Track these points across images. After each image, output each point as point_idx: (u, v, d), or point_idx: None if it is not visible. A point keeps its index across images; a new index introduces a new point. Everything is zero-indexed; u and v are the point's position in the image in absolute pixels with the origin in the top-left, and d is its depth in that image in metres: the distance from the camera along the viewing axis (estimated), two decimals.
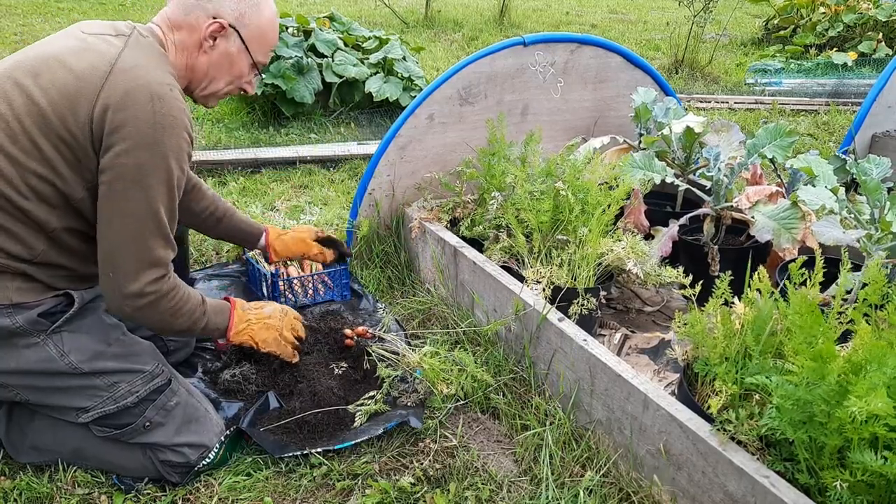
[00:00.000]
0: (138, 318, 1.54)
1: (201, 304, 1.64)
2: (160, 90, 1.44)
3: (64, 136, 1.42)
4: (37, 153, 1.43)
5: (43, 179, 1.44)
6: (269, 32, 1.66)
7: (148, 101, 1.42)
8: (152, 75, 1.45)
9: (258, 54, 1.66)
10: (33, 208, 1.45)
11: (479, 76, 2.63)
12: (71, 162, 1.45)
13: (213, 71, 1.63)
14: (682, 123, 2.47)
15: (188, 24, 1.57)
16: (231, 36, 1.60)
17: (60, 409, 1.60)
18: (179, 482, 1.64)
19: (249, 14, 1.60)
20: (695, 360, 1.61)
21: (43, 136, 1.42)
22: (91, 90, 1.42)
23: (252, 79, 1.70)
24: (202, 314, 1.64)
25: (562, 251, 2.10)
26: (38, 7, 7.43)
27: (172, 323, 1.58)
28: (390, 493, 1.62)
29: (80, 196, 1.48)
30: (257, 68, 1.69)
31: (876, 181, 1.89)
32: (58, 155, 1.43)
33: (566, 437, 1.76)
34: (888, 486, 1.22)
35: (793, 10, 7.59)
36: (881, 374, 1.23)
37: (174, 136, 1.45)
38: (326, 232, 2.30)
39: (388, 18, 8.19)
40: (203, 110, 4.68)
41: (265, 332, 1.81)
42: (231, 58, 1.62)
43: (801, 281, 1.49)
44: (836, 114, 5.10)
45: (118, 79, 1.43)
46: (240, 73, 1.66)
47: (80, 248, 1.54)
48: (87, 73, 1.43)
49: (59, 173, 1.45)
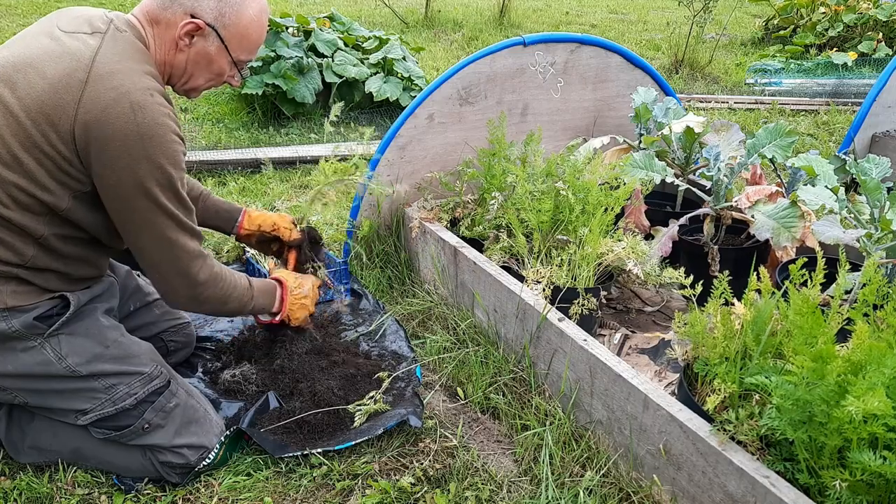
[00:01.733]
0: (194, 308, 1.68)
1: (248, 288, 1.76)
2: (140, 98, 1.40)
3: (47, 151, 1.40)
4: (17, 166, 1.40)
5: (24, 191, 1.42)
6: (252, 32, 1.59)
7: (130, 113, 1.38)
8: (130, 82, 1.40)
9: (240, 53, 1.60)
10: (17, 217, 1.43)
11: (479, 76, 2.63)
12: (55, 174, 1.42)
13: (191, 68, 1.58)
14: (682, 123, 2.47)
15: (165, 19, 1.52)
16: (209, 35, 1.54)
17: (59, 412, 1.60)
18: (179, 483, 1.64)
19: (230, 13, 1.54)
20: (695, 360, 1.61)
21: (24, 150, 1.40)
22: (70, 103, 1.38)
23: (235, 74, 1.65)
24: (250, 298, 1.77)
25: (562, 251, 2.10)
26: (38, 7, 7.43)
27: (223, 308, 1.72)
28: (390, 493, 1.62)
29: (66, 206, 1.45)
30: (237, 66, 1.63)
31: (876, 181, 1.90)
32: (40, 168, 1.41)
33: (566, 437, 1.76)
34: (888, 485, 1.22)
35: (793, 9, 7.58)
36: (880, 374, 1.23)
37: (163, 143, 1.43)
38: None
39: (388, 18, 8.19)
40: (203, 110, 4.68)
41: (300, 311, 1.93)
42: (209, 57, 1.57)
43: (802, 281, 1.49)
44: (836, 114, 5.10)
45: (97, 89, 1.38)
46: (220, 70, 1.61)
47: (71, 251, 1.53)
48: (63, 83, 1.38)
49: (43, 185, 1.42)
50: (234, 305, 1.73)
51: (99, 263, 1.63)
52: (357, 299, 2.47)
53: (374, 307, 2.41)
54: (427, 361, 2.11)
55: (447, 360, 2.09)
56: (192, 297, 1.61)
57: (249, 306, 1.78)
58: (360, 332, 2.25)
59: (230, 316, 1.84)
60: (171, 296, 1.62)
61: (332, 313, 2.35)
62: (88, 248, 1.57)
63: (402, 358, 2.11)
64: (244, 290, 1.74)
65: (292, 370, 1.93)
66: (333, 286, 2.40)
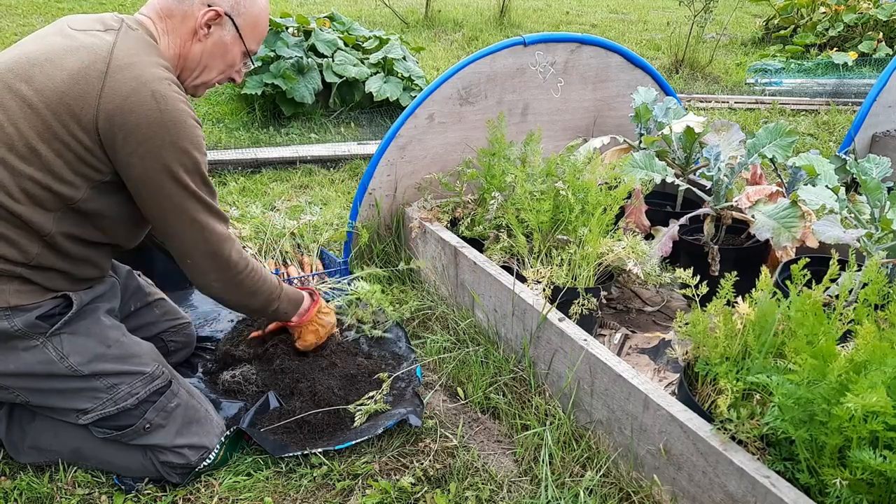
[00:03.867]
0: (223, 295, 1.68)
1: (277, 288, 1.77)
2: (160, 88, 1.44)
3: (68, 142, 1.41)
4: (35, 158, 1.41)
5: (39, 184, 1.43)
6: (262, 21, 1.66)
7: (152, 101, 1.42)
8: (149, 72, 1.44)
9: (251, 43, 1.66)
10: (27, 213, 1.43)
11: (479, 76, 2.63)
12: (74, 165, 1.44)
13: (207, 59, 1.62)
14: (683, 123, 2.47)
15: (182, 11, 1.56)
16: (226, 24, 1.60)
17: (60, 411, 1.60)
18: (180, 483, 1.64)
19: (244, 2, 1.60)
20: (695, 360, 1.61)
21: (43, 142, 1.41)
22: (91, 93, 1.41)
23: (241, 67, 1.71)
24: (276, 298, 1.77)
25: (562, 251, 2.10)
26: (38, 7, 7.43)
27: (250, 301, 1.72)
28: (390, 493, 1.62)
29: (82, 196, 1.47)
30: (249, 57, 1.69)
31: (876, 181, 1.90)
32: (59, 159, 1.42)
33: (566, 437, 1.76)
34: (888, 484, 1.22)
35: (793, 9, 7.58)
36: (881, 373, 1.23)
37: (186, 128, 1.47)
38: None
39: (388, 18, 8.19)
40: (203, 110, 4.68)
41: (310, 337, 1.94)
42: (225, 46, 1.62)
43: (805, 282, 1.49)
44: (836, 114, 5.10)
45: (117, 79, 1.42)
46: (232, 61, 1.66)
47: (76, 251, 1.53)
48: (83, 74, 1.41)
49: (60, 177, 1.43)
50: (262, 300, 1.73)
51: (102, 264, 1.63)
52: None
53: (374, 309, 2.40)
54: (427, 361, 2.11)
55: (447, 360, 2.09)
56: (224, 280, 1.62)
57: (274, 305, 1.78)
58: (360, 332, 2.25)
59: (252, 313, 1.83)
60: (203, 279, 1.63)
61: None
62: (93, 248, 1.57)
63: (402, 358, 2.11)
64: (273, 287, 1.75)
65: (292, 370, 1.93)
66: None
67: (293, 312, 1.86)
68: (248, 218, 2.79)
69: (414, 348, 2.16)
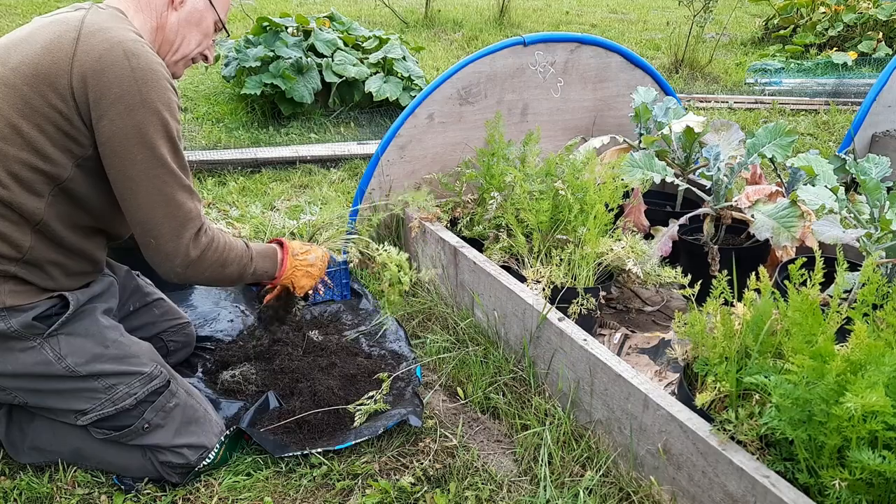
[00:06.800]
0: (191, 276, 1.57)
1: (247, 250, 1.69)
2: (133, 46, 1.44)
3: (48, 114, 1.41)
4: (17, 137, 1.41)
5: (26, 165, 1.42)
6: None
7: (124, 59, 1.42)
8: (121, 34, 1.45)
9: (221, 11, 1.70)
10: (17, 199, 1.43)
11: (479, 76, 2.63)
12: (56, 139, 1.43)
13: (184, 28, 1.64)
14: (682, 123, 2.47)
15: None
16: None
17: (59, 412, 1.60)
18: (179, 482, 1.64)
19: None
20: (695, 360, 1.61)
21: (23, 118, 1.41)
22: (64, 59, 1.41)
23: (212, 42, 1.73)
24: (249, 260, 1.69)
25: (561, 251, 2.10)
26: (38, 7, 7.43)
27: (223, 273, 1.62)
28: (390, 493, 1.62)
29: (69, 174, 1.46)
30: (222, 27, 1.72)
31: (875, 181, 1.90)
32: (41, 135, 1.42)
33: (566, 437, 1.76)
34: (887, 484, 1.22)
35: (793, 9, 7.58)
36: (879, 372, 1.23)
37: (158, 88, 1.45)
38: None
39: (388, 18, 8.19)
40: (203, 110, 4.68)
41: (305, 280, 1.85)
42: (200, 13, 1.65)
43: (802, 281, 1.49)
44: (836, 113, 5.10)
45: (90, 42, 1.42)
46: (207, 29, 1.69)
47: (68, 238, 1.52)
48: (55, 44, 1.43)
49: (45, 155, 1.43)
50: (234, 269, 1.64)
51: (97, 256, 1.62)
52: (357, 299, 2.47)
53: (373, 307, 2.41)
54: (427, 361, 2.11)
55: (447, 360, 2.09)
56: (187, 263, 1.53)
57: (250, 269, 1.69)
58: (360, 331, 2.25)
59: (230, 283, 1.73)
60: (167, 263, 1.53)
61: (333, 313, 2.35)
62: (86, 237, 1.56)
63: (402, 358, 2.11)
64: (242, 252, 1.67)
65: (292, 370, 1.93)
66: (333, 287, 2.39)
67: (273, 268, 1.78)
68: (247, 218, 2.79)
69: (414, 348, 2.16)
